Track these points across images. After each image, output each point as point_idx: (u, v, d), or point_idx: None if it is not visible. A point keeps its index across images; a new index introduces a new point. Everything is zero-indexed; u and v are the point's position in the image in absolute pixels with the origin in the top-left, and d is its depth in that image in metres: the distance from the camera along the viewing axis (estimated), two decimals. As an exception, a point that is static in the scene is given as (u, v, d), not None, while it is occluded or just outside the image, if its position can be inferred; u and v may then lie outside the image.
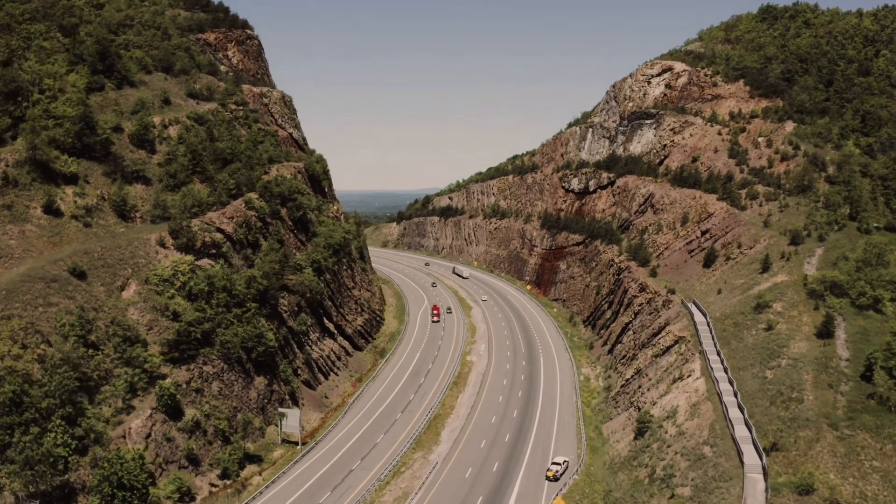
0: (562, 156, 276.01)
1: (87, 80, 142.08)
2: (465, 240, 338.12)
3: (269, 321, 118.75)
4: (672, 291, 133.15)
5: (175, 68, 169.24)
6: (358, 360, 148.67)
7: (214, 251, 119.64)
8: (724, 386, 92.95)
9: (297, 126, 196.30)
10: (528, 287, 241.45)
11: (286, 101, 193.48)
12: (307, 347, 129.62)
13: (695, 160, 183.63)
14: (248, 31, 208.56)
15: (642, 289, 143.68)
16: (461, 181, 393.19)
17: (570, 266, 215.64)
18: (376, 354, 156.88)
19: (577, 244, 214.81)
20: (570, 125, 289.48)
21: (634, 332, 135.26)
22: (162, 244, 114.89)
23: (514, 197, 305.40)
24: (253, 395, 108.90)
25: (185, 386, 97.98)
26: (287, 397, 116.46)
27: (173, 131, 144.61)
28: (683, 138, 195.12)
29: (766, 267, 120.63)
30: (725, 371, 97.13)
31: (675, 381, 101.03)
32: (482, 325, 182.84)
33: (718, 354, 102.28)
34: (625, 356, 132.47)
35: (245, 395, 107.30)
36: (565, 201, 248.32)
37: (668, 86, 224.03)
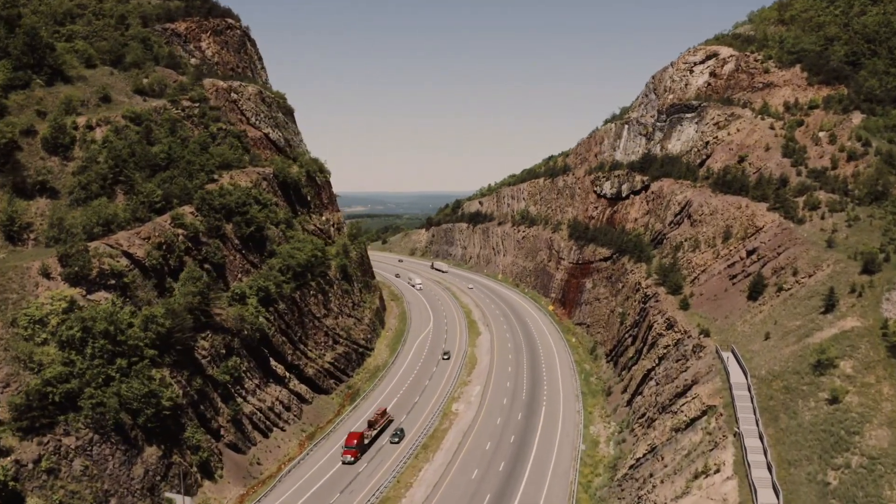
0: (595, 156, 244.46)
1: (8, 76, 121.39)
2: (493, 249, 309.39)
3: (175, 371, 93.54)
4: (706, 333, 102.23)
5: (125, 61, 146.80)
6: (318, 408, 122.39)
7: (114, 282, 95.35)
8: (767, 497, 62.76)
9: (277, 125, 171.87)
10: (552, 307, 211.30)
11: (264, 98, 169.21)
12: (237, 400, 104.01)
13: (742, 160, 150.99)
14: (229, 21, 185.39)
15: (669, 326, 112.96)
16: (493, 184, 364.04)
17: (595, 285, 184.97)
18: (346, 399, 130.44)
19: (605, 259, 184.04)
20: (606, 122, 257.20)
21: (657, 384, 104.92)
22: (46, 274, 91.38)
23: (545, 202, 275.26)
24: (138, 472, 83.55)
25: (30, 466, 73.65)
26: (195, 469, 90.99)
27: (99, 133, 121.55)
28: (729, 134, 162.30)
29: (830, 305, 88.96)
30: (769, 469, 66.86)
31: (696, 476, 71.10)
32: (485, 359, 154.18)
33: (761, 439, 71.92)
34: (643, 415, 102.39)
35: (124, 474, 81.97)
36: (596, 208, 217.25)
37: (712, 74, 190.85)
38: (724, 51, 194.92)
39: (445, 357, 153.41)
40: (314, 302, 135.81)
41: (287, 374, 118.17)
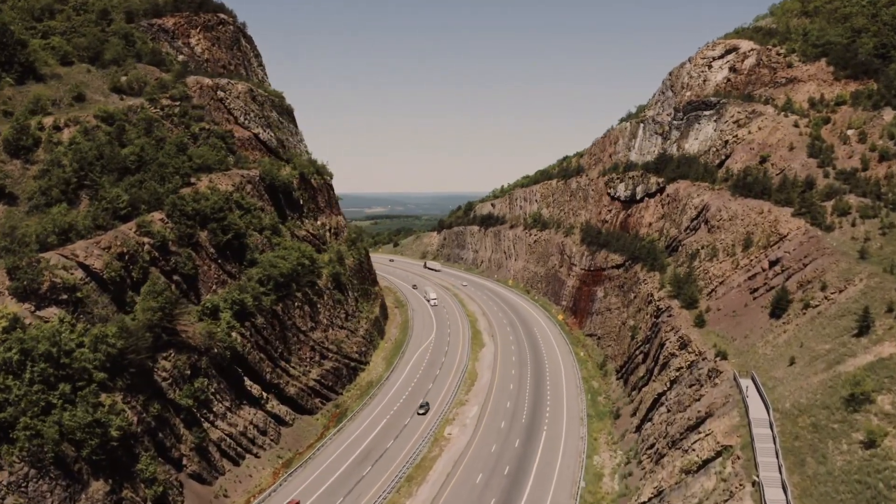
0: (610, 156, 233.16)
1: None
2: (505, 253, 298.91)
3: (129, 396, 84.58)
4: (723, 355, 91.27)
5: (104, 58, 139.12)
6: (299, 430, 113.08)
7: (66, 297, 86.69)
8: (791, 566, 52.13)
9: (270, 125, 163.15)
10: (561, 317, 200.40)
11: (255, 96, 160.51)
12: (203, 425, 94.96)
13: (763, 160, 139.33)
14: (221, 16, 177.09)
15: (683, 345, 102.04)
16: (506, 185, 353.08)
17: (607, 294, 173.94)
18: (332, 419, 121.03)
19: (617, 267, 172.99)
20: (621, 120, 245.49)
21: (669, 410, 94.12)
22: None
23: (557, 204, 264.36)
24: (82, 510, 74.70)
25: (-49, 509, 65.28)
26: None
27: (67, 135, 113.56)
28: (750, 132, 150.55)
29: (864, 326, 77.80)
30: (794, 529, 56.14)
31: (707, 533, 60.42)
32: (486, 375, 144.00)
33: (784, 489, 61.15)
34: (652, 446, 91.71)
35: (64, 514, 73.16)
36: (610, 211, 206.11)
37: (732, 69, 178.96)
38: (745, 45, 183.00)
39: (422, 412, 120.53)
40: (299, 314, 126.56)
41: (264, 395, 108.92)
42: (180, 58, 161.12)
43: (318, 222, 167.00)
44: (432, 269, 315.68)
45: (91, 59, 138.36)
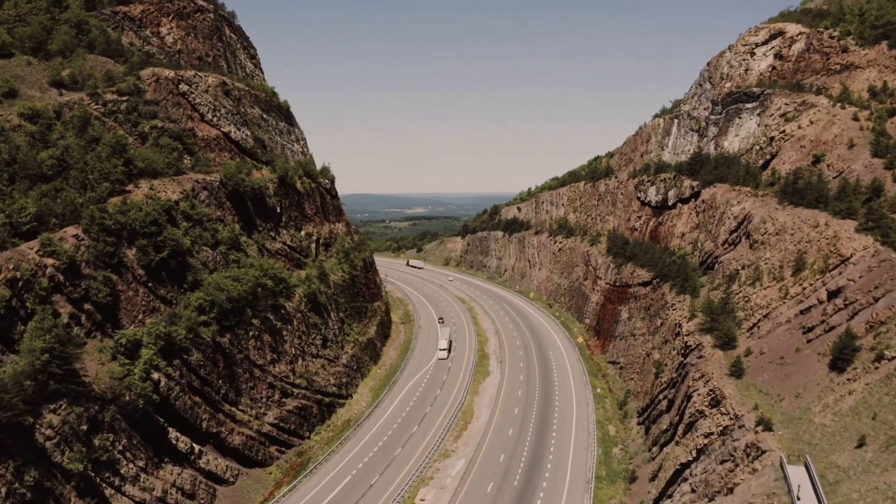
0: (641, 156, 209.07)
1: None
2: (529, 261, 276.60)
3: (-13, 468, 66.08)
4: (766, 424, 68.48)
5: (49, 49, 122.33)
6: (243, 489, 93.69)
7: (-77, 337, 68.86)
8: None
9: (247, 123, 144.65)
10: (581, 339, 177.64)
11: (228, 91, 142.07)
12: (106, 492, 76.10)
13: (817, 161, 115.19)
14: (199, 3, 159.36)
15: (714, 402, 79.37)
16: (533, 188, 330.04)
17: (632, 316, 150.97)
18: (289, 471, 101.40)
19: (644, 284, 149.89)
20: (654, 116, 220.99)
21: (693, 490, 71.77)
22: None
23: (584, 209, 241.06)
24: None
25: None
26: None
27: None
28: (800, 127, 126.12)
29: (972, 398, 54.56)
30: None
31: None
32: (484, 415, 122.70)
33: None
34: (670, 537, 69.47)
35: None
36: (639, 217, 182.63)
37: (778, 56, 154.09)
38: (792, 28, 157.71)
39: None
40: (255, 345, 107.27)
41: (196, 448, 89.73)
42: (147, 48, 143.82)
43: (302, 233, 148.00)
44: (415, 267, 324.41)
45: (34, 50, 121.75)
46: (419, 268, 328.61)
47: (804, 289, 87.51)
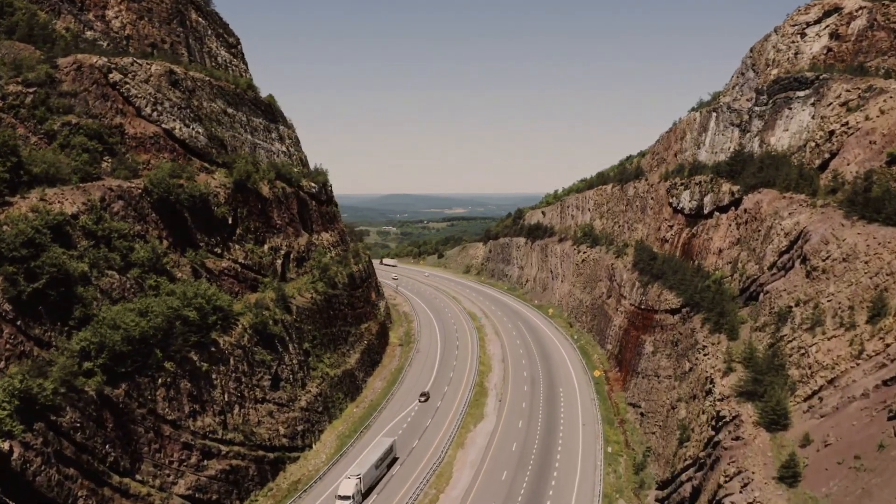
0: (675, 155, 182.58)
1: None
2: (551, 272, 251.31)
3: None
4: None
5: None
6: None
7: None
8: None
9: (199, 118, 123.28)
10: (598, 373, 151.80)
11: (176, 81, 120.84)
12: None
13: (893, 161, 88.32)
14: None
15: (752, 516, 54.35)
16: (559, 191, 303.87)
17: (656, 350, 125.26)
18: (200, 562, 79.06)
19: (672, 311, 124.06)
20: (691, 110, 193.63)
21: None
22: None
23: (611, 215, 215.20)
24: None
25: None
26: None
27: None
28: (867, 118, 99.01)
29: None
30: None
31: None
32: (464, 478, 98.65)
33: None
34: None
35: None
36: (671, 227, 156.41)
37: (834, 36, 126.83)
38: (850, 2, 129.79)
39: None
40: (165, 395, 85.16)
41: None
42: (89, 34, 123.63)
43: (265, 247, 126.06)
44: (389, 265, 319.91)
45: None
46: (393, 265, 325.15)
47: (888, 345, 61.58)
